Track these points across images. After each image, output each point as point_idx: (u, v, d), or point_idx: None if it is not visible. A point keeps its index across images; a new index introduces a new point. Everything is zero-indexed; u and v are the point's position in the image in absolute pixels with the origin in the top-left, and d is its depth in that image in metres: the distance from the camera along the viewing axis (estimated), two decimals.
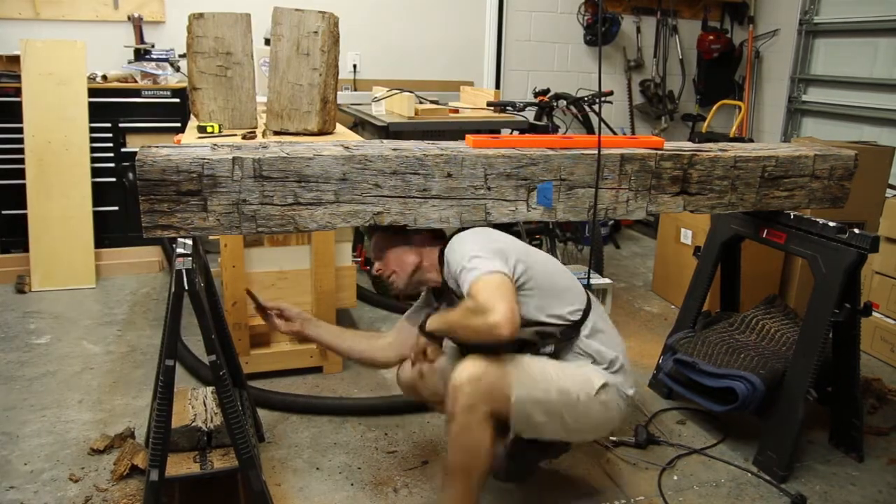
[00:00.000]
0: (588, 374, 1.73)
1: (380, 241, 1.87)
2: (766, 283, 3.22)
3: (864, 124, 4.68)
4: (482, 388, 1.58)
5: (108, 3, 4.06)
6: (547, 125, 3.91)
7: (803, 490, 2.08)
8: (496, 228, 1.81)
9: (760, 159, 2.09)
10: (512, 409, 1.62)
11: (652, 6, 5.30)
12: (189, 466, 1.77)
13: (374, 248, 1.89)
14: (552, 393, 1.66)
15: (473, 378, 1.58)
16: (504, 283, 1.59)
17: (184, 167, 1.54)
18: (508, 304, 1.53)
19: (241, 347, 2.55)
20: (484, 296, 1.55)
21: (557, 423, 1.70)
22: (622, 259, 4.51)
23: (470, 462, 1.62)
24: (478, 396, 1.58)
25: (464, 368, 1.61)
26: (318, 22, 2.45)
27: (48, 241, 3.58)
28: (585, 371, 1.73)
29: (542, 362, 1.70)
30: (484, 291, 1.56)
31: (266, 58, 3.05)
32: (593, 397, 1.70)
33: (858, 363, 2.22)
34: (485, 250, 1.66)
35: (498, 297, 1.54)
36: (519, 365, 1.66)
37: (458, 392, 1.59)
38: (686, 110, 5.55)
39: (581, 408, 1.69)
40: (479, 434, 1.59)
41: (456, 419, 1.60)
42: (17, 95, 3.56)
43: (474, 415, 1.58)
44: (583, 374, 1.72)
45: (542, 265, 1.77)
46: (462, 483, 1.64)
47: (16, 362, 2.77)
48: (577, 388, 1.69)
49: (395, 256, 1.84)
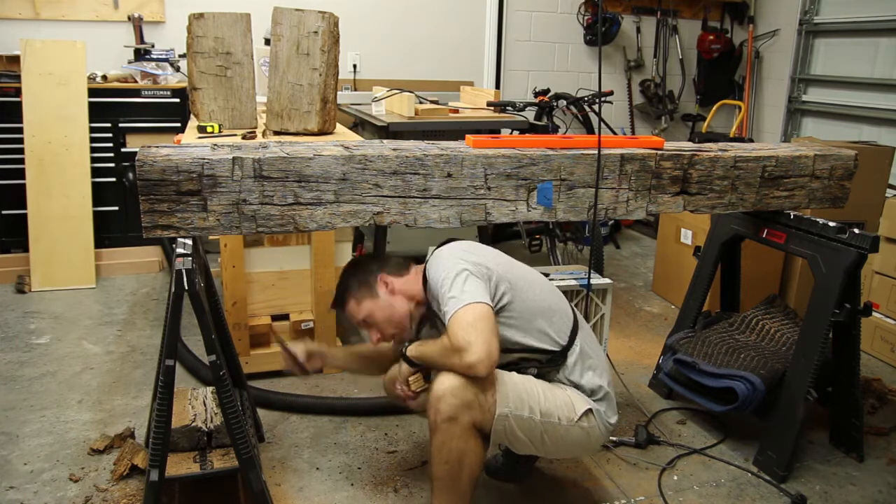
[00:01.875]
0: (572, 399, 1.72)
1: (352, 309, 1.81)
2: (766, 283, 3.22)
3: (863, 124, 4.68)
4: (463, 398, 1.57)
5: (108, 3, 4.06)
6: (547, 125, 3.91)
7: (803, 490, 2.08)
8: (496, 227, 1.81)
9: (760, 159, 2.09)
10: (494, 424, 1.61)
11: (652, 6, 5.30)
12: (189, 466, 1.77)
13: (351, 320, 1.85)
14: (536, 413, 1.65)
15: (454, 389, 1.57)
16: (483, 317, 1.56)
17: (184, 167, 1.54)
18: (485, 342, 1.53)
19: (241, 347, 2.55)
20: (461, 334, 1.54)
21: (537, 442, 1.70)
22: (622, 259, 4.51)
23: (454, 473, 1.60)
24: (459, 407, 1.56)
25: (444, 379, 1.58)
26: (318, 22, 2.45)
27: (48, 241, 3.58)
28: (570, 395, 1.72)
29: (530, 381, 1.69)
30: (462, 329, 1.54)
31: (266, 58, 3.05)
32: (575, 423, 1.69)
33: (858, 363, 2.22)
34: (467, 272, 1.62)
35: (475, 334, 1.53)
36: (507, 381, 1.65)
37: (439, 403, 1.57)
38: (686, 110, 5.55)
39: (561, 431, 1.69)
40: (461, 445, 1.58)
41: (438, 430, 1.58)
42: (17, 95, 3.56)
43: (456, 426, 1.57)
44: (567, 399, 1.71)
45: (527, 284, 1.74)
46: (448, 495, 1.63)
47: (16, 362, 2.77)
48: (560, 412, 1.68)
49: (383, 316, 1.79)
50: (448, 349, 1.56)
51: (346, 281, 1.83)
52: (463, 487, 1.62)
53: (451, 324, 1.56)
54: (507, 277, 1.69)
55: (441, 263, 1.68)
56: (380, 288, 1.79)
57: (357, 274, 1.82)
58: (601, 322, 2.33)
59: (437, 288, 1.65)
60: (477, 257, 1.69)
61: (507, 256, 1.80)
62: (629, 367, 2.87)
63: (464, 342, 1.53)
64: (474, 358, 1.52)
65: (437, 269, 1.68)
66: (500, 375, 1.65)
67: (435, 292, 1.67)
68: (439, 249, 1.77)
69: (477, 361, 1.52)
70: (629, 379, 2.72)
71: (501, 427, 1.62)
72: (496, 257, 1.75)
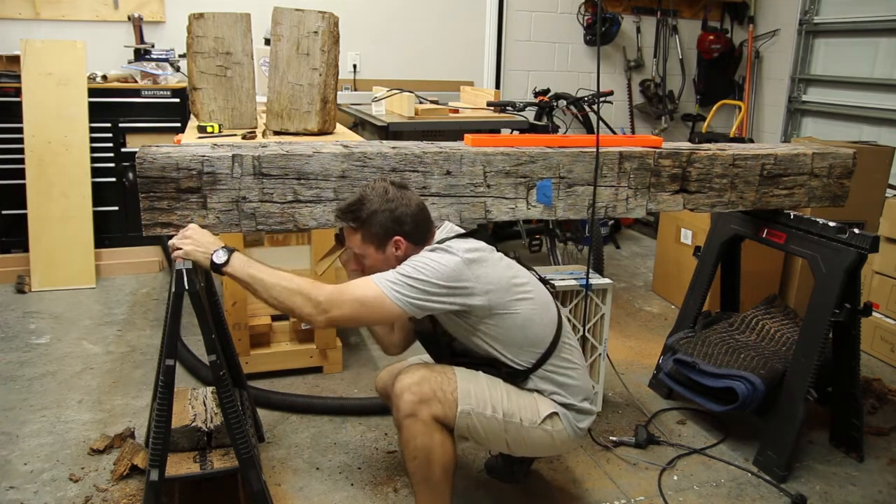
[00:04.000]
0: (537, 402, 1.69)
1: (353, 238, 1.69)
2: (766, 283, 3.22)
3: (863, 124, 4.68)
4: (421, 393, 1.58)
5: (108, 3, 4.06)
6: (547, 125, 3.90)
7: (803, 490, 2.07)
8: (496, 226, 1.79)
9: (759, 157, 2.09)
10: (457, 420, 1.62)
11: (652, 6, 5.30)
12: (189, 466, 1.77)
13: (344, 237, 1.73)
14: (499, 413, 1.65)
15: (412, 384, 1.59)
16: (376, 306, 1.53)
17: (183, 164, 1.54)
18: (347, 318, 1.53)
19: (241, 347, 2.55)
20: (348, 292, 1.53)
21: (501, 441, 1.69)
22: (622, 259, 4.51)
23: (425, 468, 1.60)
24: (418, 402, 1.58)
25: (402, 377, 1.61)
26: (318, 22, 2.45)
27: (48, 241, 3.58)
28: (536, 397, 1.70)
29: (495, 381, 1.68)
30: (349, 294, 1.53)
31: (266, 58, 3.05)
32: (538, 425, 1.68)
33: (858, 363, 2.22)
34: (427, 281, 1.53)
35: (349, 308, 1.52)
36: (471, 378, 1.65)
37: (398, 400, 1.59)
38: (686, 110, 5.55)
39: (523, 432, 1.68)
40: (426, 440, 1.58)
41: (402, 427, 1.60)
42: (17, 95, 3.56)
43: (418, 421, 1.58)
44: (532, 400, 1.69)
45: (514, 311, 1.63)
46: (425, 489, 1.63)
47: (16, 362, 2.77)
48: (523, 413, 1.67)
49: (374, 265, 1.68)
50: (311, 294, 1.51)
51: (371, 210, 1.62)
52: (437, 481, 1.62)
53: (356, 283, 1.55)
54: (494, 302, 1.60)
55: (432, 255, 1.59)
56: (390, 245, 1.65)
57: (383, 214, 1.62)
58: (601, 322, 2.33)
59: (411, 259, 1.58)
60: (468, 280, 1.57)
61: (515, 271, 1.68)
62: (629, 367, 2.87)
63: (335, 307, 1.51)
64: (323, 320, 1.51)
65: (426, 254, 1.60)
66: (463, 373, 1.66)
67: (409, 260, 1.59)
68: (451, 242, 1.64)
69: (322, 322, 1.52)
70: (629, 379, 2.72)
71: (464, 424, 1.63)
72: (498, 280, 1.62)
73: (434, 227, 1.72)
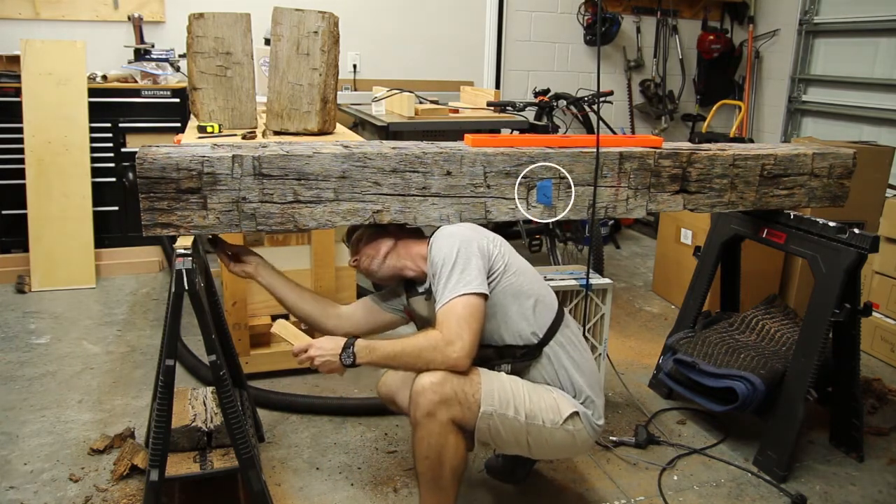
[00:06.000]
0: (558, 402, 1.69)
1: (356, 239, 1.85)
2: (766, 283, 3.22)
3: (863, 124, 4.68)
4: (443, 394, 1.56)
5: (108, 3, 4.06)
6: (547, 125, 3.90)
7: (803, 490, 2.08)
8: (496, 227, 1.79)
9: (759, 157, 2.09)
10: (478, 422, 1.60)
11: (652, 6, 5.30)
12: (189, 466, 1.77)
13: (353, 246, 1.87)
14: (521, 414, 1.64)
15: (434, 384, 1.56)
16: (475, 312, 1.56)
17: (183, 165, 1.54)
18: (472, 340, 1.55)
19: (241, 347, 2.55)
20: (454, 328, 1.55)
21: (523, 443, 1.68)
22: (622, 259, 4.51)
23: (435, 468, 1.59)
24: (438, 403, 1.55)
25: (424, 375, 1.58)
26: (318, 22, 2.45)
27: (48, 241, 3.58)
28: (556, 397, 1.70)
29: (516, 382, 1.68)
30: (455, 321, 1.55)
31: (266, 58, 3.05)
32: (560, 426, 1.67)
33: (858, 363, 2.22)
34: (468, 253, 1.61)
35: (466, 329, 1.54)
36: (493, 380, 1.64)
37: (418, 398, 1.56)
38: (686, 110, 5.55)
39: (545, 434, 1.67)
40: (441, 440, 1.57)
41: (418, 426, 1.58)
42: (17, 95, 3.56)
43: (435, 421, 1.56)
44: (553, 401, 1.69)
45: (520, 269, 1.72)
46: (432, 490, 1.62)
47: (16, 362, 2.77)
48: (545, 415, 1.66)
49: (370, 245, 1.81)
50: (431, 341, 1.55)
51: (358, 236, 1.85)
52: (446, 482, 1.61)
53: (446, 313, 1.56)
54: (507, 257, 1.69)
55: (444, 242, 1.65)
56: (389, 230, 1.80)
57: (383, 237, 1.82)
58: (601, 322, 2.33)
59: (438, 266, 1.62)
60: (480, 235, 1.68)
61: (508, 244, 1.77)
62: (629, 367, 2.87)
63: (455, 335, 1.53)
64: (461, 353, 1.53)
65: (440, 247, 1.65)
66: (486, 374, 1.64)
67: (434, 269, 1.64)
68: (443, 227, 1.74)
69: (463, 356, 1.53)
70: (629, 379, 2.72)
71: (486, 425, 1.61)
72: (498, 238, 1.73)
73: None
